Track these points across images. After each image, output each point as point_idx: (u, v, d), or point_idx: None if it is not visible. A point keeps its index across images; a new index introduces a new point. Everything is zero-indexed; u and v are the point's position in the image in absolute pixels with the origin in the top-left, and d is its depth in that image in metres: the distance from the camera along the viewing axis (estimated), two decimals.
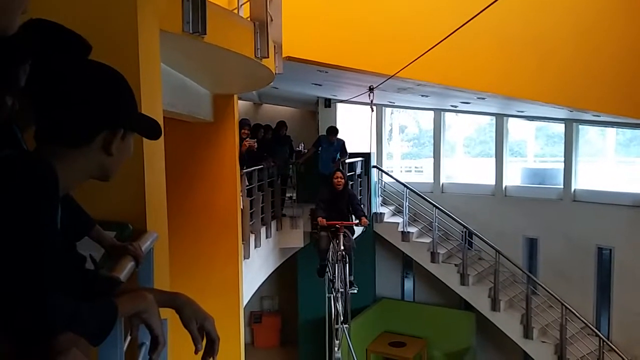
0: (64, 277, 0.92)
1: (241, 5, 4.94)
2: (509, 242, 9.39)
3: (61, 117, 0.97)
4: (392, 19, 6.66)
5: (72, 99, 0.97)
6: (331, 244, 6.78)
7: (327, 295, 7.44)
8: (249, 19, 4.28)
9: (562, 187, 9.24)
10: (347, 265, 6.54)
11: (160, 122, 2.62)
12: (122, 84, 1.05)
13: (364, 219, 6.67)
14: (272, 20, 4.46)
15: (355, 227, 7.07)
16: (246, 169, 6.88)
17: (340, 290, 6.58)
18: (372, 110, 6.82)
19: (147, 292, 1.14)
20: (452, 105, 10.09)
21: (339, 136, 8.99)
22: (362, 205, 7.30)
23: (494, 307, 8.89)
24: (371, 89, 6.67)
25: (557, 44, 6.57)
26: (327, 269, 7.04)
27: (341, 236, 6.59)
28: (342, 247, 6.52)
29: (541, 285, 8.87)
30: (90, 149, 1.00)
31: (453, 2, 6.39)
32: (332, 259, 6.84)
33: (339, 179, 6.84)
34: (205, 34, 2.94)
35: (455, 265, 9.33)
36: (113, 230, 2.08)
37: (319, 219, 6.62)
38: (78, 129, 0.98)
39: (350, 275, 6.61)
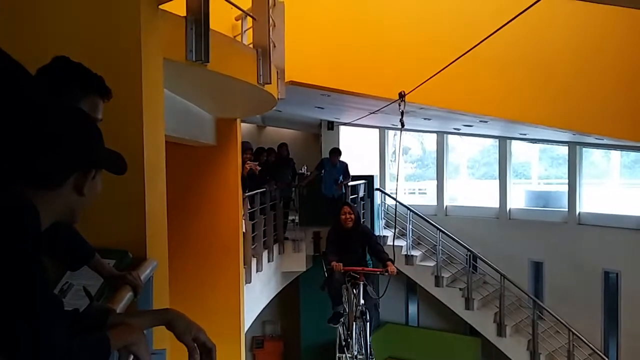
0: (56, 312, 0.93)
1: (244, 32, 5.02)
2: (514, 265, 9.29)
3: (33, 159, 0.95)
4: (395, 43, 6.75)
5: (45, 142, 0.96)
6: (345, 289, 5.48)
7: (337, 355, 6.09)
8: (251, 45, 4.34)
9: (566, 210, 9.18)
10: (368, 324, 5.13)
11: (163, 147, 2.63)
12: (92, 124, 1.05)
13: (391, 265, 5.20)
14: (274, 46, 4.52)
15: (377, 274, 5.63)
16: (249, 192, 6.88)
17: (359, 357, 5.22)
18: (402, 126, 5.27)
19: (136, 319, 1.19)
20: (454, 128, 10.12)
21: (341, 159, 9.01)
22: (382, 245, 5.89)
23: (500, 332, 8.75)
24: (401, 97, 5.21)
25: (558, 67, 6.62)
26: (342, 323, 5.66)
27: (361, 286, 5.17)
28: (362, 302, 5.15)
29: (547, 310, 8.74)
30: (62, 190, 0.99)
31: (455, 27, 6.48)
32: (348, 310, 5.49)
33: (348, 215, 5.49)
34: (208, 61, 2.97)
35: (460, 289, 9.23)
36: (112, 258, 2.07)
37: (333, 262, 5.20)
38: (50, 171, 0.96)
39: (370, 336, 5.20)
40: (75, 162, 0.99)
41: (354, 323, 5.23)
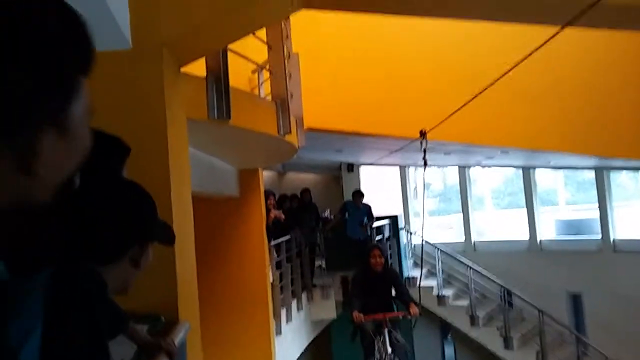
0: None
1: (261, 84, 5.14)
2: (551, 299, 8.92)
3: (94, 237, 0.97)
4: (411, 81, 6.82)
5: (106, 220, 0.98)
6: (375, 341, 5.27)
7: None
8: (269, 96, 4.43)
9: (600, 237, 8.88)
10: None
11: (191, 207, 2.65)
12: (150, 199, 1.07)
13: (413, 307, 5.09)
14: (292, 96, 4.60)
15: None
16: (273, 240, 6.84)
17: None
18: (425, 164, 5.25)
19: None
20: (476, 162, 10.04)
21: (364, 200, 8.96)
22: (407, 288, 5.78)
23: None
24: (422, 135, 5.21)
25: (577, 93, 6.57)
26: None
27: (385, 333, 5.05)
28: (389, 349, 5.00)
29: (591, 345, 8.30)
30: (118, 265, 1.00)
31: (471, 63, 6.54)
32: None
33: (378, 258, 5.31)
34: (229, 118, 3.03)
35: (497, 328, 8.85)
36: (145, 323, 2.05)
37: (354, 313, 5.02)
38: (113, 247, 0.99)
39: None
40: (134, 238, 1.01)
41: None
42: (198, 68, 3.04)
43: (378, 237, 9.03)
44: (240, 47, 3.44)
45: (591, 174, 9.24)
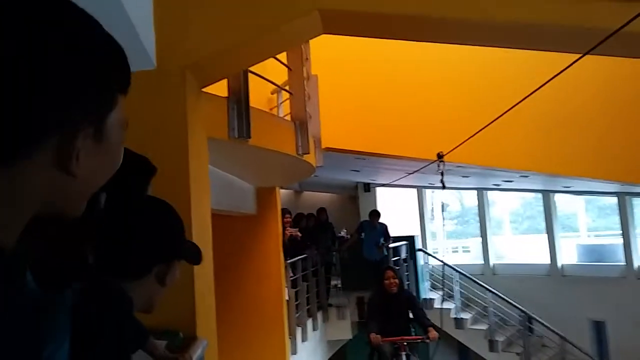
0: None
1: (280, 104, 5.23)
2: (573, 326, 8.69)
3: (122, 253, 1.01)
4: (429, 104, 6.83)
5: (134, 236, 1.02)
6: None
7: None
8: (288, 116, 4.50)
9: (623, 263, 8.67)
10: None
11: (210, 224, 2.69)
12: (177, 218, 1.10)
13: (432, 331, 5.01)
14: (310, 117, 4.66)
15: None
16: (289, 258, 6.85)
17: None
18: (443, 187, 5.16)
19: None
20: (494, 184, 9.94)
21: (380, 220, 8.93)
22: (424, 311, 5.68)
23: None
24: (440, 158, 5.13)
25: (596, 118, 6.49)
26: None
27: (403, 357, 5.02)
28: None
29: None
30: (145, 281, 1.03)
31: (489, 86, 6.54)
32: None
33: (392, 280, 5.30)
34: (249, 137, 3.09)
35: (517, 354, 8.64)
36: (164, 339, 2.07)
37: (371, 335, 5.00)
38: (138, 263, 1.02)
39: None
40: (161, 254, 1.04)
41: None
42: (218, 86, 3.12)
43: (395, 259, 8.97)
44: (260, 68, 3.51)
45: (613, 199, 9.07)
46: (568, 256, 9.73)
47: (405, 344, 5.06)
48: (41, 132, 0.48)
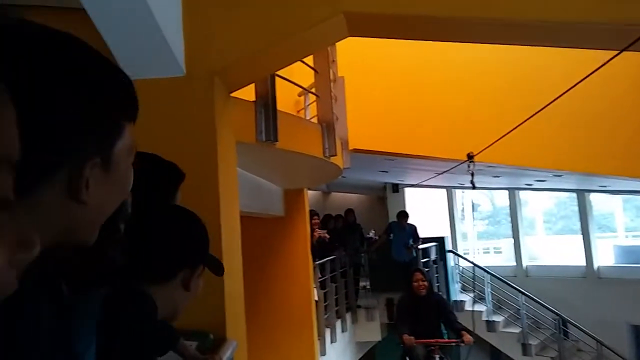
0: None
1: (307, 106, 5.26)
2: (611, 330, 8.41)
3: (149, 256, 1.03)
4: (458, 104, 6.73)
5: (161, 239, 1.05)
6: None
7: None
8: (315, 118, 4.51)
9: None
10: None
11: (239, 226, 2.73)
12: (203, 226, 1.13)
13: (466, 335, 4.94)
14: (337, 119, 4.67)
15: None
16: (318, 260, 6.87)
17: None
18: (473, 188, 5.14)
19: None
20: (526, 184, 9.72)
21: (409, 221, 8.86)
22: (455, 315, 5.59)
23: None
24: (470, 158, 5.07)
25: (630, 115, 6.23)
26: None
27: (437, 359, 5.02)
28: None
29: None
30: (170, 285, 1.05)
31: (519, 85, 6.41)
32: None
33: (421, 282, 5.26)
34: (277, 140, 3.12)
35: (552, 358, 8.43)
36: (194, 340, 2.11)
37: (404, 337, 4.97)
38: (164, 267, 1.04)
39: None
40: (187, 259, 1.07)
41: None
42: (246, 91, 3.17)
43: (424, 260, 8.88)
44: (287, 71, 3.54)
45: None
46: (605, 257, 9.43)
47: (438, 346, 5.02)
48: (53, 165, 0.50)
